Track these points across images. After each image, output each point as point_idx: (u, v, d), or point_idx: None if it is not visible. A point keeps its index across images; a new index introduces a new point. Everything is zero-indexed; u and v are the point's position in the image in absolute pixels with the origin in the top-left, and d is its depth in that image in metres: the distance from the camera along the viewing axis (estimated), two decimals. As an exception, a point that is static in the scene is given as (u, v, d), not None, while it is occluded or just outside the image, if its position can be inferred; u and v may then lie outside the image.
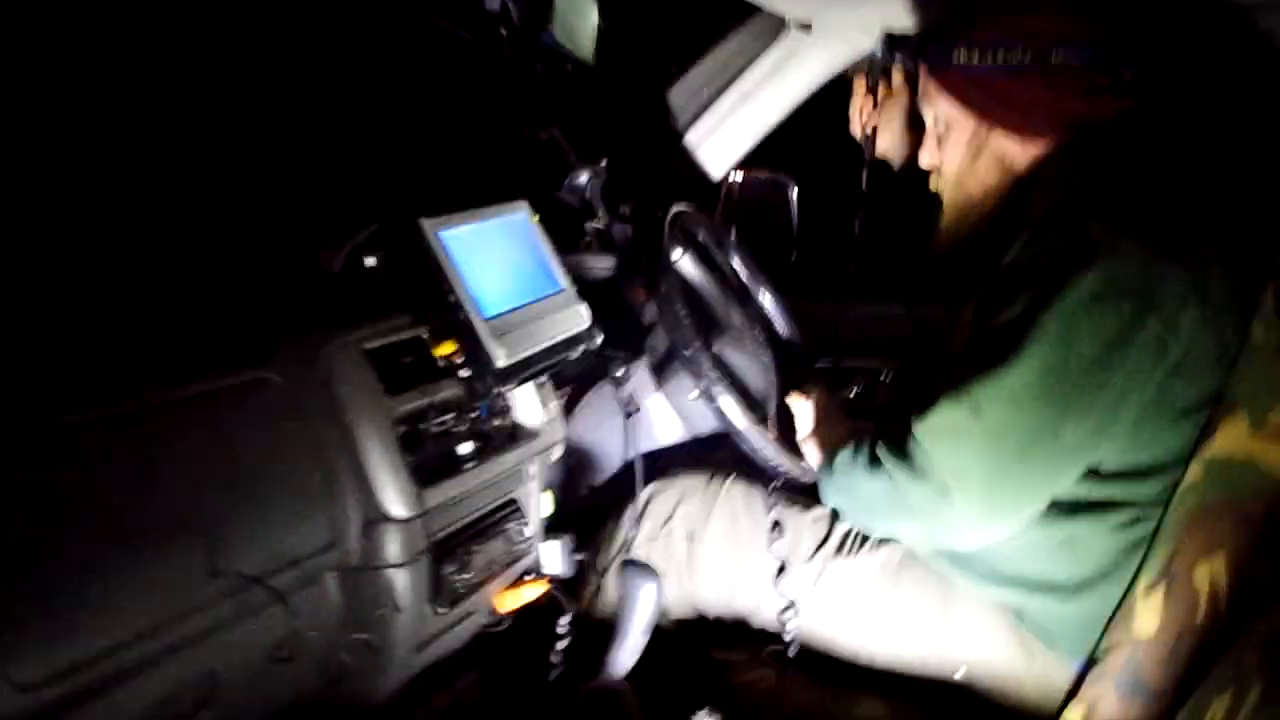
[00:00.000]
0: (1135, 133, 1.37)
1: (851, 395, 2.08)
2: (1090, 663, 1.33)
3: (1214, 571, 1.17)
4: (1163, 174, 1.38)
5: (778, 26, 1.95)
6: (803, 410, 1.59)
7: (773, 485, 1.60)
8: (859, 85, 1.91)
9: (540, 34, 1.47)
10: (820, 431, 1.56)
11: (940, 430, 1.23)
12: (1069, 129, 1.36)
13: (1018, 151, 1.41)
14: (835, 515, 1.58)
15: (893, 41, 1.55)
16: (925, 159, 1.53)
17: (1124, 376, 1.19)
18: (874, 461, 1.31)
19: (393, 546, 1.24)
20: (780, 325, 1.92)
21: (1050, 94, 1.35)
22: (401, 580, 1.25)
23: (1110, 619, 1.31)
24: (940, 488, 1.22)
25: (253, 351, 1.20)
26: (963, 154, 1.45)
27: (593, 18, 1.52)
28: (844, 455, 1.38)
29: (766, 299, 1.92)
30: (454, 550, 1.35)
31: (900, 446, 1.27)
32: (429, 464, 1.32)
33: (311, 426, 1.21)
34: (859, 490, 1.36)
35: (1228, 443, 1.24)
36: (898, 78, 1.86)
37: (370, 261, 1.42)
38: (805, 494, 1.60)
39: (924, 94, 1.49)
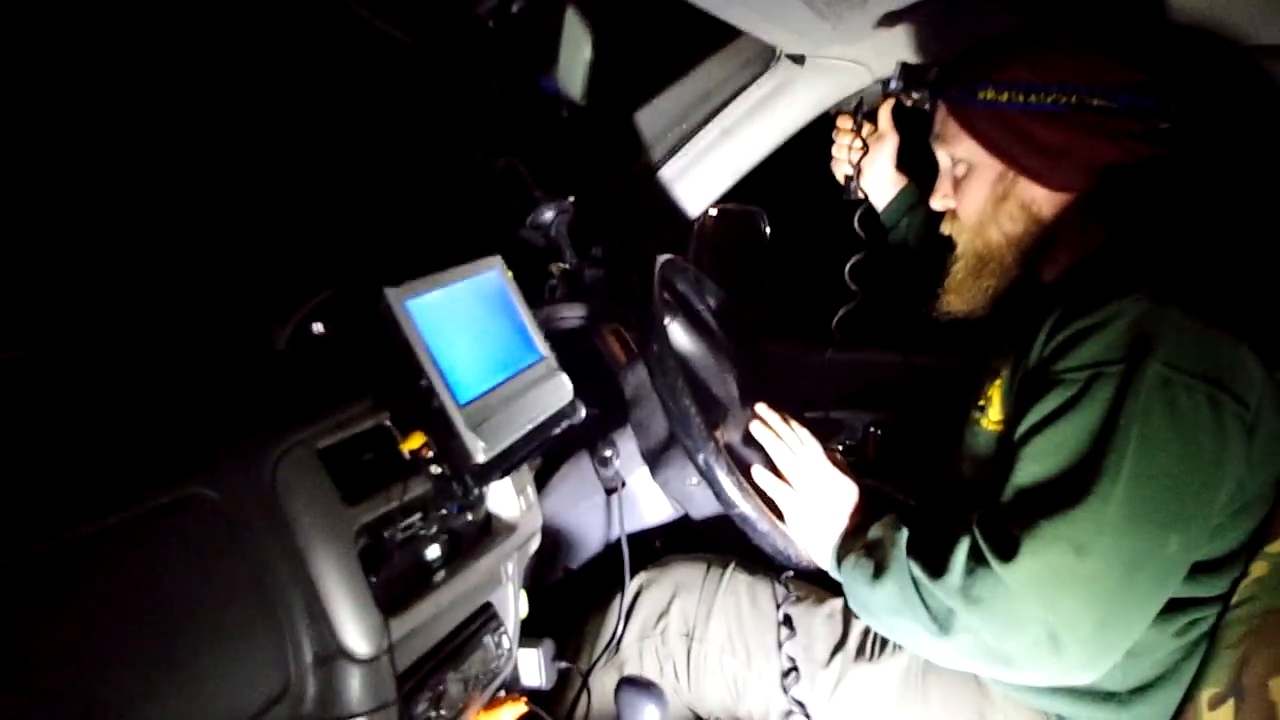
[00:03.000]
0: (1167, 183, 1.27)
1: (839, 450, 1.92)
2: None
3: None
4: (1201, 232, 1.27)
5: (764, 54, 1.78)
6: (797, 475, 1.33)
7: (784, 575, 1.42)
8: (843, 123, 1.76)
9: (538, 79, 1.25)
10: (826, 513, 1.31)
11: (1041, 577, 1.05)
12: (1097, 176, 1.25)
13: (1045, 198, 1.29)
14: (847, 619, 1.41)
15: (909, 74, 1.40)
16: (939, 202, 1.39)
17: (1214, 465, 1.07)
18: (945, 615, 1.10)
19: (355, 691, 1.02)
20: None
21: (1083, 138, 1.23)
22: (366, 732, 1.04)
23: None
24: (1047, 638, 1.05)
25: (183, 461, 0.97)
26: (985, 198, 1.32)
27: (587, 51, 1.31)
28: (884, 585, 1.16)
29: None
30: (425, 681, 1.13)
31: (983, 598, 1.07)
32: (395, 581, 1.11)
33: (256, 551, 0.99)
34: (907, 623, 1.16)
35: None
36: (884, 117, 1.72)
37: (318, 328, 1.20)
38: (819, 584, 1.42)
39: (941, 133, 1.35)
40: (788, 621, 1.39)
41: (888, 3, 1.45)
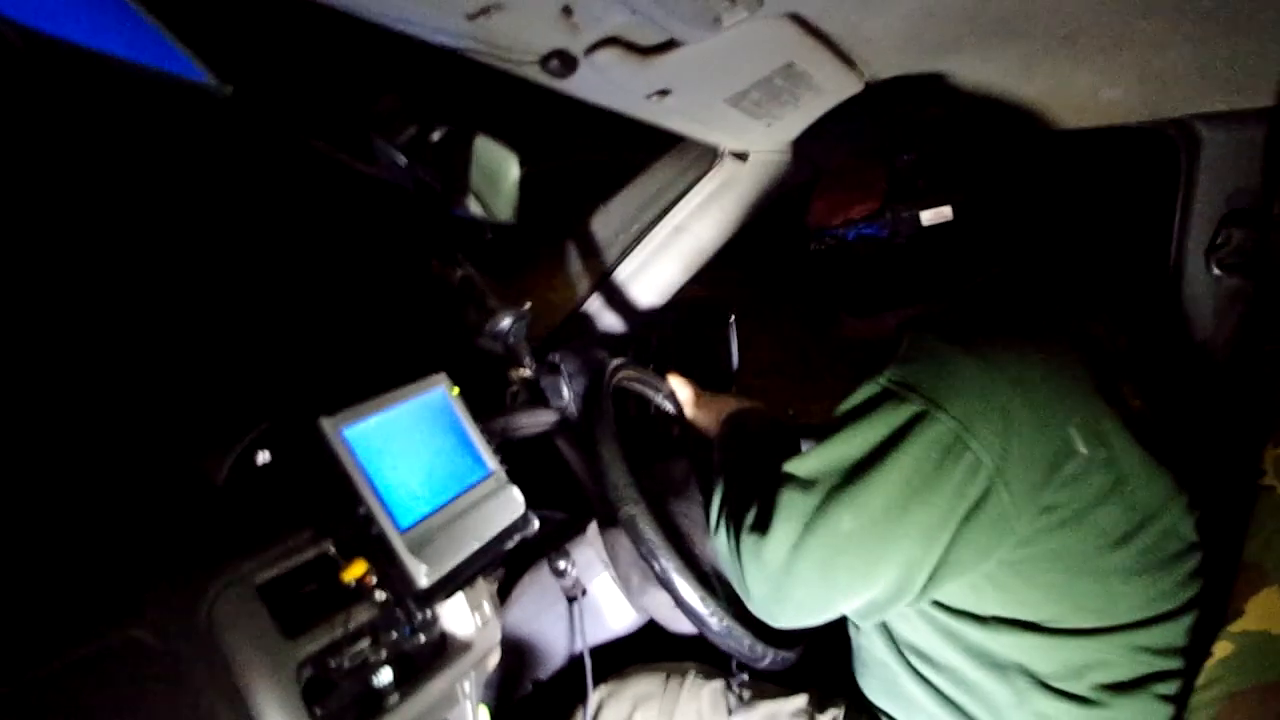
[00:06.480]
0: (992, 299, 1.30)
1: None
2: None
3: None
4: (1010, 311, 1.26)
5: (708, 154, 1.82)
6: (682, 387, 1.66)
7: (738, 679, 1.40)
8: None
9: (451, 209, 1.27)
10: (703, 404, 1.62)
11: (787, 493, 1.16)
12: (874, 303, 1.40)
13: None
14: (812, 714, 1.39)
15: None
16: None
17: (908, 477, 1.06)
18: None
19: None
20: None
21: (834, 274, 1.41)
22: None
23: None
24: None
25: (116, 606, 0.97)
26: None
27: (513, 173, 1.34)
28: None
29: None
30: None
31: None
32: (344, 711, 1.10)
33: (193, 694, 0.98)
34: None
35: (1265, 618, 1.10)
36: None
37: (263, 458, 1.21)
38: (776, 683, 1.41)
39: None
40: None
41: (820, 101, 1.48)
